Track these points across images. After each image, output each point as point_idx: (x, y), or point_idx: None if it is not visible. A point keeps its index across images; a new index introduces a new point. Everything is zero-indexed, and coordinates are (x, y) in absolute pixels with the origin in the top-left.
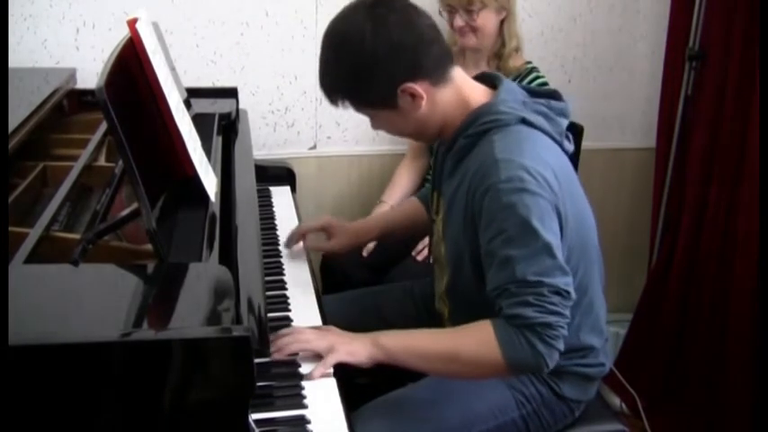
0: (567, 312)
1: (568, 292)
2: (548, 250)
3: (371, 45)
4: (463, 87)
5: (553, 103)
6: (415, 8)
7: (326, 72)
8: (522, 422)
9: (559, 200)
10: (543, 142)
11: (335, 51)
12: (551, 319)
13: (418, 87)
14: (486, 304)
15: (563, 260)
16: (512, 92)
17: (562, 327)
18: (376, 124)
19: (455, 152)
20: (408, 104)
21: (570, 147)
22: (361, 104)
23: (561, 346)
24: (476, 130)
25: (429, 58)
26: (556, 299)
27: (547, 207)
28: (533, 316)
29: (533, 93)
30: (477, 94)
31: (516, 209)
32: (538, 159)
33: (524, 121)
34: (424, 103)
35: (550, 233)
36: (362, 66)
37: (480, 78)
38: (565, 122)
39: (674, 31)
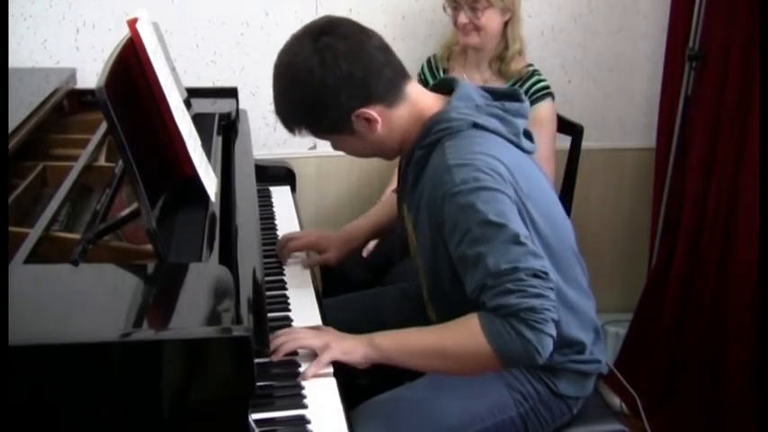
0: (551, 295)
1: (546, 273)
2: (514, 239)
3: (320, 78)
4: (419, 101)
5: (508, 104)
6: (363, 30)
7: (280, 103)
8: (520, 420)
9: (516, 194)
10: (498, 144)
11: (286, 84)
12: (535, 302)
13: (372, 112)
14: (470, 306)
15: (533, 246)
16: (465, 97)
17: (548, 309)
18: (336, 146)
19: (413, 164)
20: (364, 128)
21: (531, 146)
22: (317, 132)
23: (552, 330)
24: (430, 139)
25: (380, 83)
26: (535, 281)
27: (505, 200)
28: (516, 303)
29: (494, 93)
30: (432, 104)
31: (476, 207)
32: (490, 159)
33: (477, 126)
34: (379, 126)
35: (514, 224)
36: (313, 98)
37: (439, 85)
38: (522, 122)
39: (674, 31)
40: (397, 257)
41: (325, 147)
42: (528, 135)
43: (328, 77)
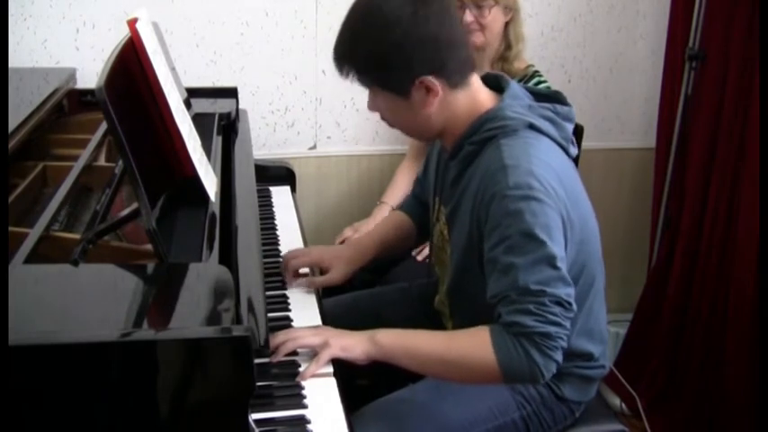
0: (568, 324)
1: (570, 303)
2: (550, 260)
3: (405, 31)
4: (477, 94)
5: (559, 107)
6: (454, 5)
7: (346, 41)
8: (522, 423)
9: (565, 207)
10: (550, 148)
11: (365, 25)
12: (551, 329)
13: (437, 83)
14: (488, 307)
15: (566, 271)
16: (517, 96)
17: (561, 338)
18: (375, 105)
19: (461, 159)
20: (420, 98)
21: (575, 151)
22: (371, 83)
23: (559, 357)
24: (482, 136)
25: (455, 60)
26: (557, 309)
27: (554, 216)
28: (533, 325)
29: (536, 94)
30: (486, 99)
31: (522, 216)
32: (545, 166)
33: (532, 127)
34: (436, 100)
35: (555, 244)
36: (388, 48)
37: (484, 79)
38: (570, 127)
39: (674, 31)
40: (398, 257)
41: (325, 147)
42: (571, 141)
43: (413, 33)
